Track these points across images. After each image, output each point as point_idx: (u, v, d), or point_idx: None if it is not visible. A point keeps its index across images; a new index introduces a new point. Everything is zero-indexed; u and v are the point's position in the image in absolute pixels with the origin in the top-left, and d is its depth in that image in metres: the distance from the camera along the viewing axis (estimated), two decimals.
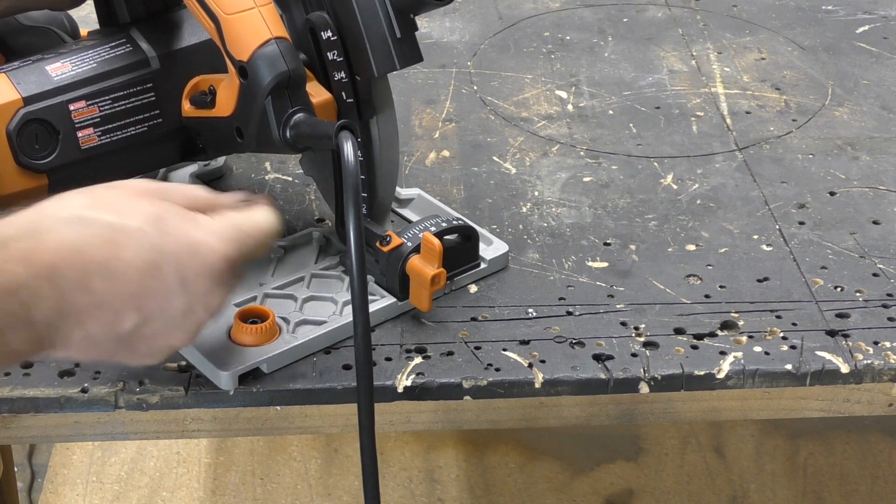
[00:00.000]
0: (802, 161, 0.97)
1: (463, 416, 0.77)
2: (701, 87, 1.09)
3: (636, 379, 0.74)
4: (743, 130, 1.02)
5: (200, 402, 0.72)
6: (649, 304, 0.80)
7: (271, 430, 0.76)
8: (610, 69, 1.12)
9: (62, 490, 1.57)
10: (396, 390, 0.72)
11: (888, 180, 0.94)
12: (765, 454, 1.63)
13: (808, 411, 0.78)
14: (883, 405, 0.77)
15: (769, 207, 0.91)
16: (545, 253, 0.85)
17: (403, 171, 0.94)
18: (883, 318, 0.79)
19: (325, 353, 0.75)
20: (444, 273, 0.75)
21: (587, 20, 1.22)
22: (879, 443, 1.65)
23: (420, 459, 1.62)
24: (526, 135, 1.01)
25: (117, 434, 0.75)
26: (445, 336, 0.76)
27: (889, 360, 0.75)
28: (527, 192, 0.92)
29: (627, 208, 0.90)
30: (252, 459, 1.61)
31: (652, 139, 1.00)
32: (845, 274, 0.83)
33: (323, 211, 0.89)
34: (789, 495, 1.57)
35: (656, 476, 1.60)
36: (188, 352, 0.73)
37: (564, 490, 1.58)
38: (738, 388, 0.75)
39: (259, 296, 0.78)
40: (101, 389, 0.72)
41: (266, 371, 0.72)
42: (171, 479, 1.59)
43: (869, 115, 1.04)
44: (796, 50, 1.16)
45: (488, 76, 1.11)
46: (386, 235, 0.77)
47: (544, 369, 0.74)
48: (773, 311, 0.79)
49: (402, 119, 0.98)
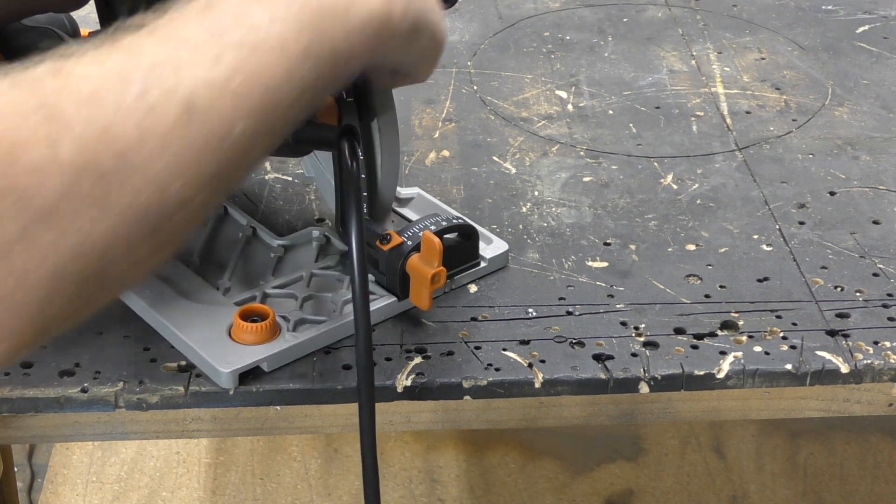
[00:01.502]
0: (802, 161, 0.97)
1: (463, 416, 0.77)
2: (701, 87, 1.09)
3: (636, 379, 0.74)
4: (743, 130, 1.02)
5: (200, 402, 0.72)
6: (649, 303, 0.80)
7: (271, 430, 0.76)
8: (610, 69, 1.12)
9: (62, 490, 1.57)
10: (396, 390, 0.73)
11: (888, 180, 0.94)
12: (765, 454, 1.63)
13: (808, 411, 0.78)
14: (883, 405, 0.77)
15: (769, 207, 0.91)
16: (545, 253, 0.85)
17: (403, 170, 0.94)
18: (883, 318, 0.79)
19: (325, 352, 0.75)
20: (444, 272, 0.75)
21: (587, 20, 1.22)
22: (879, 443, 1.65)
23: (420, 459, 1.62)
24: (526, 135, 1.01)
25: (117, 434, 0.75)
26: (445, 336, 0.76)
27: (889, 360, 0.75)
28: (527, 191, 0.92)
29: (627, 208, 0.90)
30: (252, 459, 1.61)
31: (652, 139, 1.00)
32: (845, 274, 0.83)
33: (323, 211, 0.89)
34: (789, 495, 1.57)
35: (656, 476, 1.61)
36: (188, 350, 0.73)
37: (564, 490, 1.58)
38: (738, 387, 0.75)
39: (259, 295, 0.78)
40: (101, 389, 0.72)
41: (266, 370, 0.72)
42: (171, 479, 1.59)
43: (869, 115, 1.04)
44: (796, 50, 1.16)
45: (488, 76, 1.11)
46: (386, 234, 0.77)
47: (544, 369, 0.74)
48: (773, 311, 0.79)
49: (402, 119, 0.98)
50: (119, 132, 0.46)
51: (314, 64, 0.53)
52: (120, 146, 0.46)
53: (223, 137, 0.49)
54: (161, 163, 0.47)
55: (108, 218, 0.46)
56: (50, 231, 0.44)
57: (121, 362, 0.73)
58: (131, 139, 0.46)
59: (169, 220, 0.48)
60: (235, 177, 0.52)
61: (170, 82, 0.48)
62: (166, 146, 0.47)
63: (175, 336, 0.74)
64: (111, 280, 0.48)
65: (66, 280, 0.45)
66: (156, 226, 0.48)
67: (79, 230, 0.45)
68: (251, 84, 0.50)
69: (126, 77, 0.47)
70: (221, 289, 0.78)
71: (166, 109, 0.47)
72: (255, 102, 0.50)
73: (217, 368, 0.71)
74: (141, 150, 0.46)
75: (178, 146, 0.47)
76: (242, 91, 0.50)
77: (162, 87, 0.47)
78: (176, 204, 0.48)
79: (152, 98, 0.47)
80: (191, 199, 0.48)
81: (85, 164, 0.45)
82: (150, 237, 0.48)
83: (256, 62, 0.50)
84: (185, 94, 0.48)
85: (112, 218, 0.46)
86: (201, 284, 0.78)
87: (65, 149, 0.44)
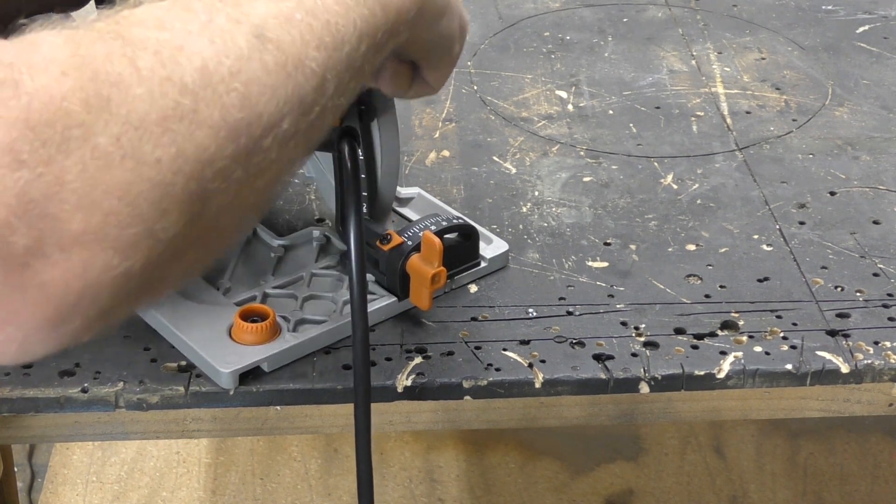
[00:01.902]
0: (802, 161, 0.97)
1: (463, 416, 0.77)
2: (701, 87, 1.09)
3: (636, 379, 0.74)
4: (743, 130, 1.02)
5: (200, 402, 0.72)
6: (649, 303, 0.80)
7: (271, 430, 0.76)
8: (610, 69, 1.12)
9: (62, 490, 1.57)
10: (396, 390, 0.72)
11: (888, 180, 0.94)
12: (765, 454, 1.63)
13: (808, 411, 0.78)
14: (883, 405, 0.77)
15: (769, 207, 0.91)
16: (545, 253, 0.85)
17: (403, 170, 0.94)
18: (883, 318, 0.79)
19: (324, 352, 0.75)
20: (444, 272, 0.75)
21: (587, 20, 1.22)
22: (879, 443, 1.65)
23: (420, 459, 1.62)
24: (526, 135, 1.01)
25: (117, 434, 0.75)
26: (445, 336, 0.76)
27: (889, 360, 0.75)
28: (527, 191, 0.92)
29: (627, 208, 0.90)
30: (252, 459, 1.61)
31: (652, 139, 1.00)
32: (845, 274, 0.83)
33: (323, 211, 0.89)
34: (789, 495, 1.57)
35: (656, 476, 1.60)
36: (189, 351, 0.73)
37: (564, 490, 1.58)
38: (738, 387, 0.75)
39: (259, 295, 0.78)
40: (101, 389, 0.72)
41: (267, 370, 0.72)
42: (171, 479, 1.59)
43: (869, 115, 1.04)
44: (796, 50, 1.16)
45: (488, 76, 1.11)
46: (386, 234, 0.77)
47: (544, 369, 0.74)
48: (773, 311, 0.79)
49: (402, 119, 0.98)
50: (194, 50, 0.47)
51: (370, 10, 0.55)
52: (198, 62, 0.47)
53: (297, 65, 0.50)
54: (242, 79, 0.48)
55: (199, 131, 0.46)
56: (144, 142, 0.45)
57: (121, 362, 0.73)
58: (208, 56, 0.47)
59: (260, 144, 0.49)
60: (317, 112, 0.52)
61: (234, 14, 0.49)
62: (243, 67, 0.48)
63: (175, 336, 0.74)
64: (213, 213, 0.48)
65: (169, 198, 0.46)
66: (249, 149, 0.48)
67: (172, 142, 0.45)
68: (312, 20, 0.52)
69: (190, 7, 0.49)
70: (221, 289, 0.78)
71: (236, 34, 0.49)
72: (320, 35, 0.52)
73: (217, 368, 0.71)
74: (219, 68, 0.47)
75: (254, 67, 0.49)
76: (305, 24, 0.52)
77: (228, 16, 0.49)
78: (265, 124, 0.49)
79: (220, 23, 0.49)
80: (279, 123, 0.49)
81: (167, 77, 0.46)
82: (244, 161, 0.48)
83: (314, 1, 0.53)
84: (254, 22, 0.50)
85: (203, 132, 0.47)
86: (201, 284, 0.78)
87: (143, 62, 0.46)
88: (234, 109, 0.47)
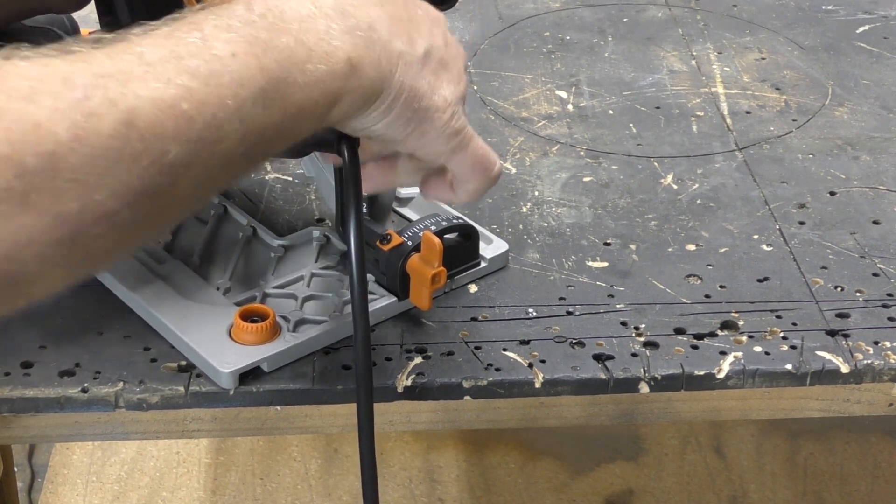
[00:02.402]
0: (802, 161, 0.97)
1: (463, 416, 0.77)
2: (701, 87, 1.09)
3: (636, 379, 0.74)
4: (743, 130, 1.02)
5: (200, 402, 0.72)
6: (649, 304, 0.80)
7: (271, 430, 0.76)
8: (610, 69, 1.12)
9: (62, 490, 1.57)
10: (396, 390, 0.72)
11: (888, 180, 0.94)
12: (765, 454, 1.63)
13: (808, 411, 0.78)
14: (883, 405, 0.77)
15: (769, 207, 0.91)
16: (545, 253, 0.85)
17: None
18: (883, 318, 0.79)
19: (324, 353, 0.75)
20: (444, 272, 0.75)
21: (587, 20, 1.22)
22: (879, 443, 1.65)
23: (420, 459, 1.62)
24: (526, 135, 1.01)
25: (117, 434, 0.75)
26: (445, 336, 0.76)
27: (889, 360, 0.75)
28: (527, 191, 0.92)
29: (627, 208, 0.90)
30: (252, 459, 1.61)
31: (652, 139, 1.00)
32: (845, 274, 0.83)
33: (323, 211, 0.89)
34: (789, 495, 1.57)
35: (656, 476, 1.61)
36: (189, 351, 0.73)
37: (564, 490, 1.58)
38: (738, 387, 0.75)
39: (259, 295, 0.78)
40: (101, 389, 0.72)
41: (267, 370, 0.72)
42: (171, 479, 1.59)
43: (869, 115, 1.04)
44: (796, 50, 1.16)
45: (488, 76, 1.11)
46: (386, 234, 0.77)
47: (544, 369, 0.74)
48: (773, 311, 0.79)
49: None
50: (49, 132, 0.45)
51: (265, 110, 0.52)
52: (47, 146, 0.45)
53: (157, 159, 0.48)
54: (88, 170, 0.46)
55: (25, 216, 0.45)
56: None
57: (121, 362, 0.73)
58: (61, 141, 0.45)
59: (88, 231, 0.47)
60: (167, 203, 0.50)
61: (114, 93, 0.47)
62: (97, 155, 0.46)
63: (175, 336, 0.74)
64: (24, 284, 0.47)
65: None
66: (74, 234, 0.47)
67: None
68: (196, 113, 0.49)
69: (68, 81, 0.47)
70: (221, 289, 0.78)
71: (104, 119, 0.46)
72: (197, 132, 0.49)
73: (217, 368, 0.71)
74: (69, 155, 0.45)
75: (109, 157, 0.47)
76: (186, 117, 0.49)
77: (105, 97, 0.47)
78: (98, 215, 0.47)
79: (92, 105, 0.46)
80: (115, 213, 0.48)
81: (7, 156, 0.44)
82: (68, 244, 0.47)
83: (207, 93, 0.50)
84: (127, 108, 0.47)
85: (30, 217, 0.45)
86: (201, 284, 0.78)
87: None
88: (68, 198, 0.45)
